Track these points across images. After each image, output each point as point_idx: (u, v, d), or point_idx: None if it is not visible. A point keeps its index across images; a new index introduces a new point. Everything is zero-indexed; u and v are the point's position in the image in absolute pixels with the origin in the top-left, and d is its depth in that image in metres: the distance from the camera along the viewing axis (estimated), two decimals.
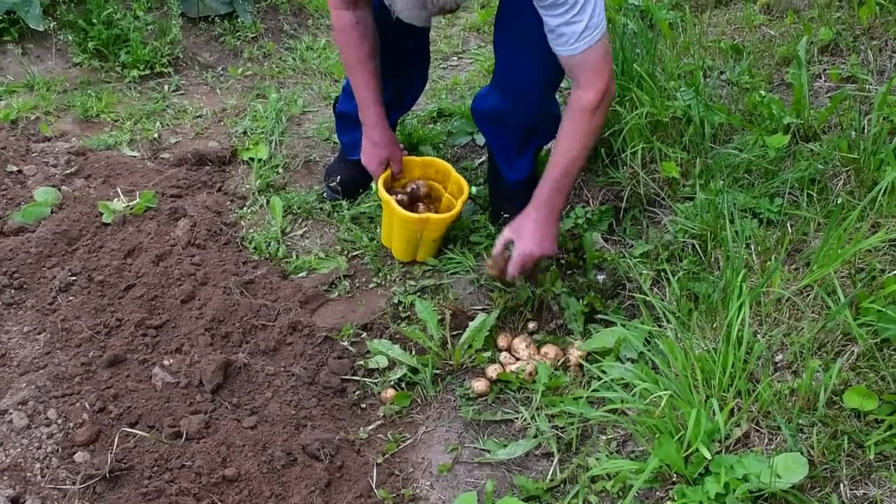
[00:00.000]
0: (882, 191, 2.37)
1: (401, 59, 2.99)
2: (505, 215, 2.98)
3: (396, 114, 3.33)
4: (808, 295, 2.28)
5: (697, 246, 2.65)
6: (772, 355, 2.19)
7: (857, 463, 1.91)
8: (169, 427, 2.42)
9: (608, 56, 2.50)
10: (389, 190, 3.00)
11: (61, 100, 4.05)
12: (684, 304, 2.45)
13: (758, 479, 1.86)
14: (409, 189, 3.05)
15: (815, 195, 2.59)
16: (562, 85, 2.99)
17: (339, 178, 3.32)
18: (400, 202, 2.93)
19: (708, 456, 1.92)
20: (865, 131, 2.65)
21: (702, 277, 2.52)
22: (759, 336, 2.21)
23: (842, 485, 1.88)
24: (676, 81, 3.15)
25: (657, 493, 2.10)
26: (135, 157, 3.70)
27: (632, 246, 2.87)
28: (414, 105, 3.48)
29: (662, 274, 2.63)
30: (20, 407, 2.40)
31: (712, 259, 2.58)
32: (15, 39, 4.29)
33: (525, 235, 2.67)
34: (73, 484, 2.24)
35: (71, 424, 2.40)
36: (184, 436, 2.40)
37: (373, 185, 3.04)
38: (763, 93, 2.99)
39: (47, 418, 2.40)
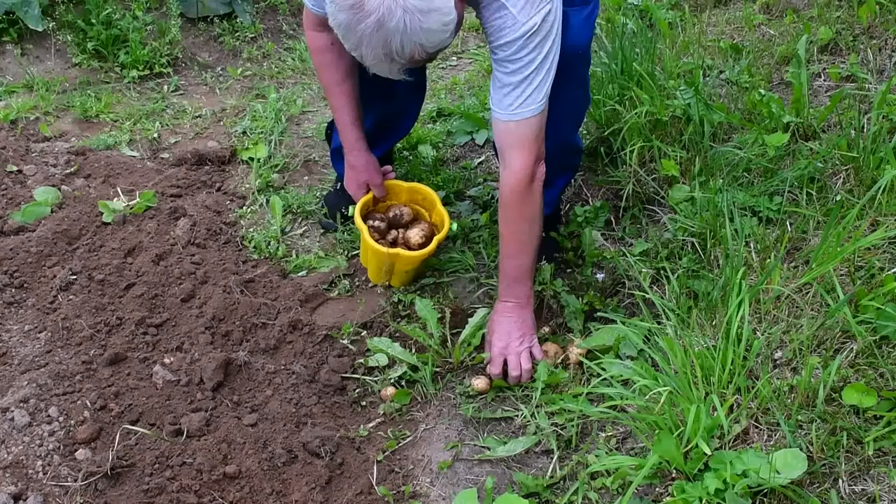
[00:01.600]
0: (881, 189, 2.37)
1: (389, 87, 2.83)
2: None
3: (389, 140, 3.24)
4: (807, 292, 2.29)
5: (697, 244, 2.66)
6: (771, 352, 2.20)
7: (856, 459, 1.91)
8: (170, 425, 2.42)
9: (540, 136, 2.42)
10: (370, 213, 2.96)
11: (61, 100, 4.06)
12: (684, 302, 2.46)
13: (757, 474, 1.86)
14: (390, 214, 2.96)
15: (814, 193, 2.60)
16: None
17: (334, 210, 3.23)
18: (377, 228, 2.89)
19: (707, 452, 1.92)
20: (865, 130, 2.65)
21: (701, 275, 2.53)
22: (758, 333, 2.21)
23: (840, 480, 1.89)
24: (676, 80, 3.16)
25: (657, 489, 2.10)
26: (134, 156, 3.70)
27: (631, 244, 2.88)
28: (409, 132, 3.38)
29: (662, 272, 2.64)
30: (22, 405, 2.41)
31: (712, 257, 2.59)
32: (14, 40, 4.29)
33: (497, 331, 2.60)
34: (75, 481, 2.24)
35: (72, 422, 2.40)
36: (185, 433, 2.41)
37: (350, 209, 2.98)
38: (762, 92, 3.00)
39: (49, 416, 2.40)
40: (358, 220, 2.82)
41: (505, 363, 2.58)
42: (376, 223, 2.90)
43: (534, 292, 2.66)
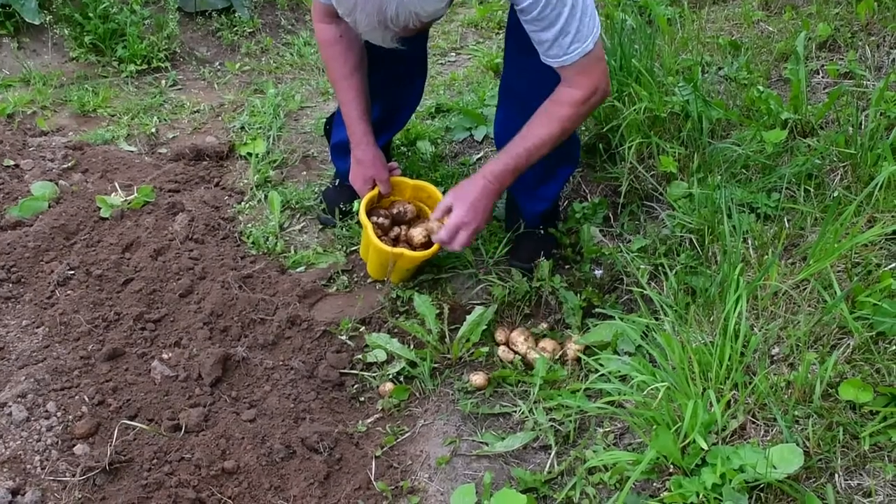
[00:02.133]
0: (878, 185, 2.37)
1: (393, 71, 2.90)
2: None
3: (389, 132, 3.24)
4: (804, 289, 2.29)
5: (695, 240, 2.66)
6: (768, 348, 2.20)
7: (852, 454, 1.92)
8: (168, 420, 2.42)
9: (600, 63, 2.43)
10: (374, 209, 2.95)
11: (58, 94, 4.06)
12: (682, 298, 2.47)
13: (754, 469, 1.87)
14: (394, 210, 2.95)
15: (812, 190, 2.61)
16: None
17: (333, 205, 3.24)
18: (380, 225, 2.88)
19: (705, 447, 1.93)
20: (863, 127, 2.66)
21: (699, 272, 2.53)
22: (755, 329, 2.22)
23: (837, 475, 1.90)
24: (674, 77, 3.16)
25: (654, 484, 2.11)
26: (132, 151, 3.70)
27: (629, 241, 2.88)
28: (406, 124, 3.39)
29: (660, 268, 2.64)
30: (19, 400, 2.41)
31: (710, 253, 2.59)
32: (10, 33, 4.29)
33: (466, 204, 2.58)
34: (73, 476, 2.24)
35: (70, 417, 2.40)
36: (183, 429, 2.41)
37: (355, 204, 2.97)
38: (761, 88, 3.01)
39: (46, 411, 2.40)
40: (363, 216, 2.80)
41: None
42: (380, 219, 2.89)
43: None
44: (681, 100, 2.97)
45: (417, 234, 2.84)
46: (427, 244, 2.81)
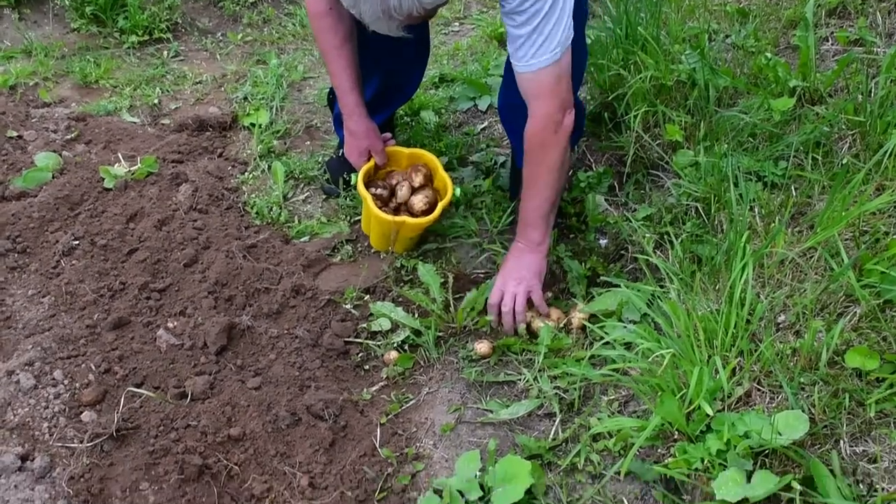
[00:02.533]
0: (888, 153, 2.35)
1: (395, 45, 2.88)
2: None
3: (392, 106, 3.23)
4: (811, 257, 2.28)
5: (701, 209, 2.65)
6: (774, 316, 2.20)
7: (858, 421, 1.92)
8: (174, 388, 2.43)
9: (562, 82, 2.40)
10: (372, 180, 2.94)
11: (60, 65, 4.04)
12: (687, 266, 2.46)
13: (759, 435, 1.87)
14: (392, 181, 2.94)
15: (820, 158, 2.59)
16: None
17: (337, 175, 3.23)
18: (380, 196, 2.87)
19: (710, 412, 1.93)
20: (872, 94, 2.63)
21: (705, 240, 2.52)
22: (761, 297, 2.21)
23: (842, 441, 1.89)
24: (681, 45, 3.13)
25: (658, 450, 2.11)
26: (135, 122, 3.69)
27: (635, 210, 2.87)
28: (412, 97, 3.38)
29: (665, 237, 2.63)
30: (27, 368, 2.42)
31: (716, 222, 2.58)
32: (11, 4, 4.27)
33: (501, 271, 2.66)
34: (81, 442, 2.25)
35: (77, 385, 2.41)
36: (189, 396, 2.42)
37: (352, 177, 2.97)
38: (769, 56, 2.97)
39: (54, 379, 2.41)
40: (361, 188, 2.80)
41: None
42: (378, 191, 2.88)
43: (548, 239, 2.67)
44: (687, 68, 2.95)
45: (418, 201, 2.83)
46: (428, 211, 2.81)
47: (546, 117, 2.42)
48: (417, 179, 2.91)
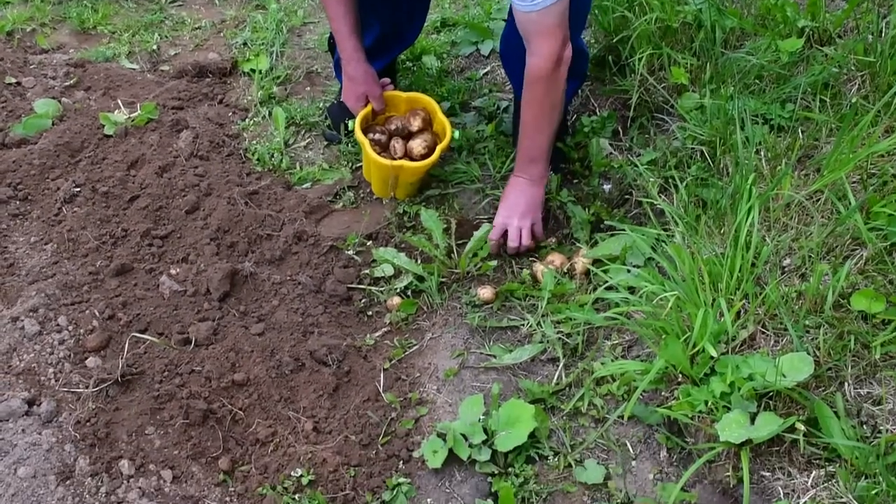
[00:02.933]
0: None
1: None
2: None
3: (394, 50, 3.18)
4: (818, 200, 2.27)
5: (706, 152, 2.62)
6: (780, 259, 2.19)
7: (863, 363, 1.92)
8: (178, 334, 2.43)
9: (563, 21, 2.38)
10: (370, 126, 2.92)
11: (57, 11, 3.99)
12: (692, 210, 2.44)
13: (763, 378, 1.87)
14: (391, 126, 2.91)
15: (828, 100, 2.55)
16: None
17: (338, 122, 3.17)
18: (378, 142, 2.85)
19: (714, 355, 1.93)
20: (883, 34, 2.58)
21: (710, 183, 2.50)
22: (767, 240, 2.20)
23: (846, 384, 1.90)
24: None
25: (662, 393, 2.12)
26: (134, 69, 3.65)
27: (639, 154, 2.84)
28: (413, 43, 3.34)
29: (670, 181, 2.61)
30: (31, 314, 2.42)
31: (721, 165, 2.55)
32: None
33: (503, 203, 2.69)
34: (87, 388, 2.26)
35: (81, 331, 2.41)
36: (193, 342, 2.42)
37: (350, 123, 2.93)
38: None
39: (58, 325, 2.41)
40: (359, 133, 2.78)
41: (505, 234, 2.67)
42: (377, 136, 2.86)
43: (548, 173, 2.72)
44: (693, 9, 2.89)
45: (417, 145, 2.82)
46: (427, 155, 2.79)
47: (551, 55, 2.40)
48: (416, 123, 2.89)
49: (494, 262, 2.65)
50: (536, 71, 2.44)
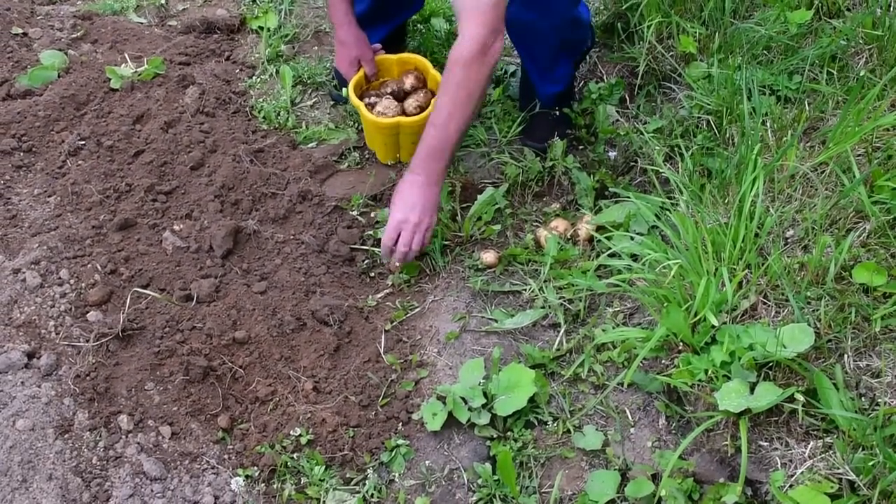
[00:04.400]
0: None
1: None
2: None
3: (395, 20, 3.15)
4: (822, 172, 2.26)
5: (712, 122, 2.61)
6: (783, 230, 2.18)
7: (863, 335, 1.92)
8: (180, 290, 2.44)
9: (495, 10, 2.30)
10: (364, 92, 2.91)
11: None
12: (697, 179, 2.44)
13: (763, 347, 1.88)
14: (387, 89, 2.91)
15: (835, 73, 2.54)
16: None
17: (345, 82, 3.07)
18: (373, 105, 2.83)
19: (715, 323, 1.93)
20: (892, 8, 2.57)
21: (716, 153, 2.49)
22: (771, 211, 2.20)
23: (846, 356, 1.90)
24: None
25: (663, 361, 2.13)
26: (142, 23, 3.63)
27: (645, 122, 2.83)
28: (420, 8, 3.28)
29: (676, 149, 2.60)
30: (33, 266, 2.42)
31: (727, 135, 2.54)
32: None
33: (396, 204, 2.48)
34: (87, 342, 2.27)
35: (83, 285, 2.42)
36: (195, 299, 2.43)
37: (344, 89, 2.92)
38: None
39: (60, 278, 2.42)
40: (353, 98, 2.79)
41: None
42: (372, 100, 2.87)
43: (446, 174, 2.54)
44: None
45: (410, 105, 2.86)
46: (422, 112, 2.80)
47: (477, 38, 2.30)
48: (409, 82, 2.91)
49: (498, 227, 2.65)
50: (458, 53, 2.33)
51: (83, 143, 2.88)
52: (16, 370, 2.19)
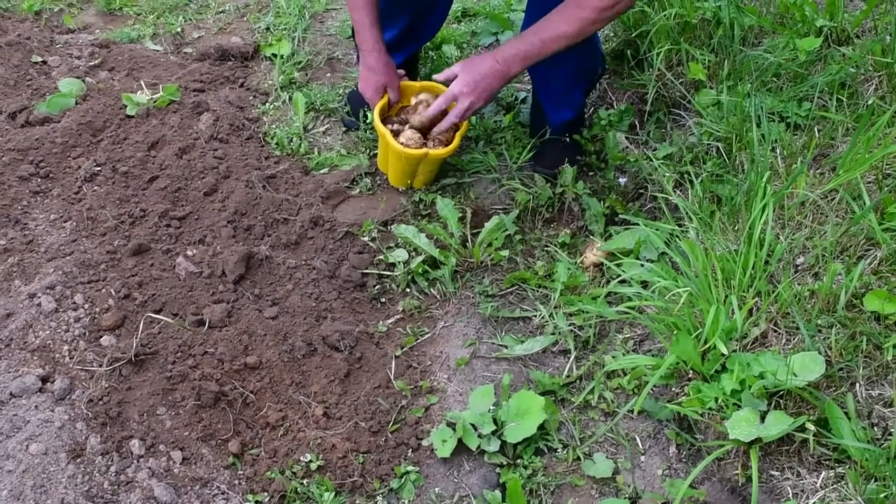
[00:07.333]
0: None
1: None
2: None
3: (411, 48, 3.18)
4: (832, 199, 2.27)
5: (722, 149, 2.62)
6: (793, 258, 2.19)
7: (874, 364, 1.92)
8: (192, 315, 2.46)
9: None
10: (386, 118, 2.91)
11: None
12: (707, 206, 2.44)
13: (774, 376, 1.88)
14: (408, 116, 2.91)
15: (844, 100, 2.55)
16: None
17: (357, 108, 3.19)
18: (395, 132, 2.84)
19: (725, 352, 1.93)
20: None
21: (725, 180, 2.50)
22: (781, 238, 2.20)
23: (858, 384, 1.90)
24: None
25: (673, 389, 2.13)
26: (158, 51, 3.68)
27: (655, 148, 2.84)
28: (435, 34, 3.30)
29: (685, 176, 2.61)
30: (48, 291, 2.45)
31: (737, 162, 2.55)
32: None
33: (469, 76, 2.60)
34: (100, 366, 2.29)
35: (97, 309, 2.44)
36: (207, 324, 2.44)
37: (369, 113, 2.92)
38: None
39: (74, 303, 2.44)
40: (378, 123, 2.78)
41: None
42: (394, 126, 2.87)
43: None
44: (713, 6, 2.89)
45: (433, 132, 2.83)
46: (445, 143, 2.80)
47: None
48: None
49: (506, 253, 2.66)
50: (598, 2, 2.37)
51: (99, 168, 2.91)
52: (30, 394, 2.20)
